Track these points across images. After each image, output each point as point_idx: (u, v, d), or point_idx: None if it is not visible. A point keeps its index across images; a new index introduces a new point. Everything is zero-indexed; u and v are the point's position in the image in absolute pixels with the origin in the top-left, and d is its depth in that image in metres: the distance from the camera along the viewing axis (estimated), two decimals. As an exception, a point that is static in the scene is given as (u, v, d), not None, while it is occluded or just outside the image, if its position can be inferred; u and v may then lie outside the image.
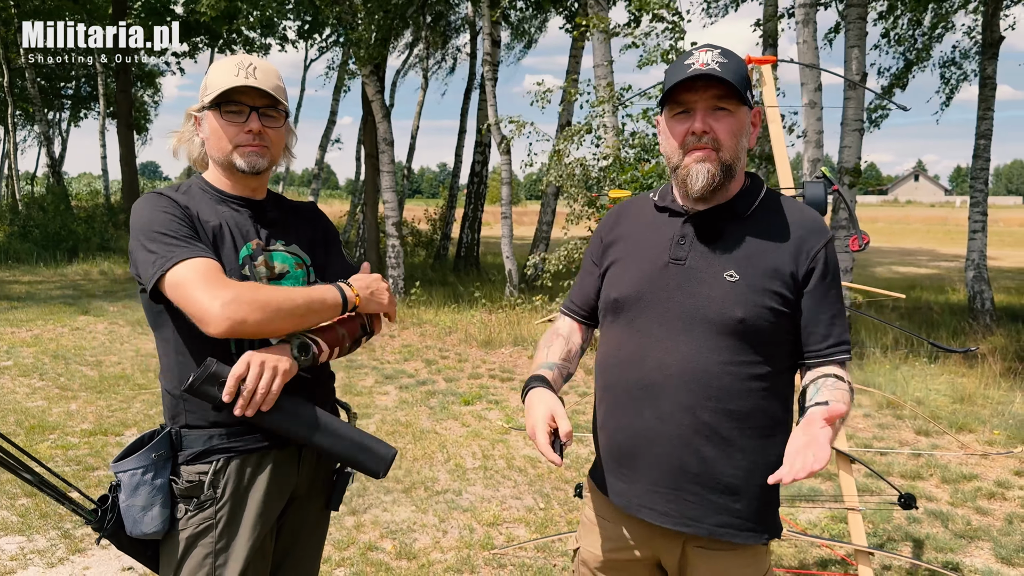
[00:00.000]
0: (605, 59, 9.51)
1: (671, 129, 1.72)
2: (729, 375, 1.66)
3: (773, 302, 1.66)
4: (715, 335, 1.66)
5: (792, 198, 1.92)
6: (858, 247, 3.24)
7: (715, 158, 1.66)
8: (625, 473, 1.77)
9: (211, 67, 1.94)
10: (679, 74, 1.65)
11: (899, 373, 7.46)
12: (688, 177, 1.68)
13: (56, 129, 34.36)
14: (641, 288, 1.75)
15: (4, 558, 3.73)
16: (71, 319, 10.17)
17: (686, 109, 1.69)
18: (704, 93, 1.66)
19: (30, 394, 6.60)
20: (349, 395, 6.96)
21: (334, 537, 4.07)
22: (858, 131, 8.83)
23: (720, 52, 1.67)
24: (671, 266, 1.73)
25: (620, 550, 1.85)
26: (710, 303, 1.67)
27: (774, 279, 1.67)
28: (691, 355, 1.67)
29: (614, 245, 1.87)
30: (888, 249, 28.98)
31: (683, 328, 1.68)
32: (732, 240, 1.71)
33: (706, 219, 1.74)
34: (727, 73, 1.63)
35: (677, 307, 1.70)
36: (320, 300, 1.84)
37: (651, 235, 1.80)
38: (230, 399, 1.70)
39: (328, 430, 1.82)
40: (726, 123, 1.66)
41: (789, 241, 1.70)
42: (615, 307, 1.80)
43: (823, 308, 1.70)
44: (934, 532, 4.27)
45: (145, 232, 1.78)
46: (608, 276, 1.85)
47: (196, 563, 1.82)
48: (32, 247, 16.95)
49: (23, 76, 22.25)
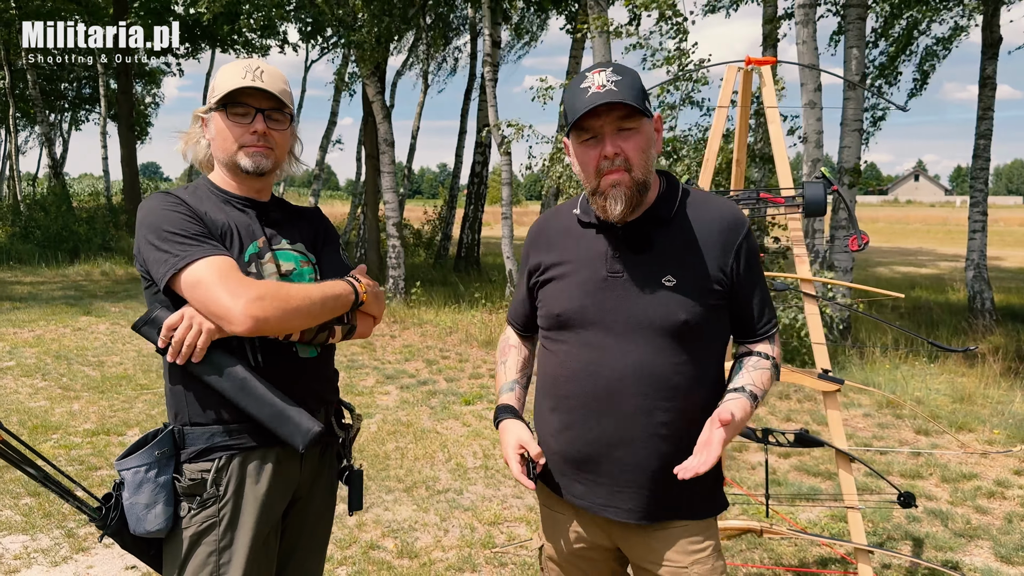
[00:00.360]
0: (605, 59, 9.51)
1: (581, 156, 1.78)
2: (679, 375, 1.76)
3: (711, 299, 1.77)
4: (662, 339, 1.75)
5: (706, 191, 2.03)
6: (857, 247, 3.25)
7: (628, 180, 1.73)
8: (586, 477, 1.85)
9: (219, 70, 1.97)
10: (579, 100, 1.70)
11: (899, 373, 7.47)
12: (607, 204, 1.75)
13: (57, 130, 34.40)
14: (584, 303, 1.81)
15: (8, 557, 3.75)
16: (73, 319, 10.19)
17: (594, 135, 1.74)
18: (608, 117, 1.71)
19: (33, 394, 6.62)
20: (351, 395, 6.98)
21: (336, 536, 4.09)
22: (857, 131, 8.85)
23: (613, 70, 1.72)
24: (610, 279, 1.80)
25: (581, 542, 1.94)
26: (654, 310, 1.75)
27: (708, 278, 1.77)
28: (643, 361, 1.75)
29: (547, 260, 1.93)
30: (888, 249, 28.98)
31: (631, 336, 1.76)
32: (662, 246, 1.80)
33: (634, 230, 1.81)
34: (625, 92, 1.68)
35: (623, 317, 1.77)
36: (335, 296, 1.89)
37: (583, 251, 1.86)
38: (163, 345, 1.76)
39: (253, 394, 1.78)
40: (634, 142, 1.73)
41: (714, 238, 1.80)
42: (559, 323, 1.86)
43: (753, 294, 1.84)
44: (934, 531, 4.29)
45: (155, 231, 1.81)
46: (547, 292, 1.91)
47: (200, 561, 1.83)
48: (34, 248, 16.98)
49: (24, 77, 22.26)
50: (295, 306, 1.78)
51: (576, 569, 1.99)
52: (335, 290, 1.90)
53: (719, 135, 3.40)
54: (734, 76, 3.39)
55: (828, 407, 3.15)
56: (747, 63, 3.35)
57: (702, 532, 1.84)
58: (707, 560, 1.82)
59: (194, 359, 1.76)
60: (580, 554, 1.96)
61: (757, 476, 5.13)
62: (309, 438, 1.76)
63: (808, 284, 3.25)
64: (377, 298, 2.05)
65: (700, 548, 1.83)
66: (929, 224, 46.36)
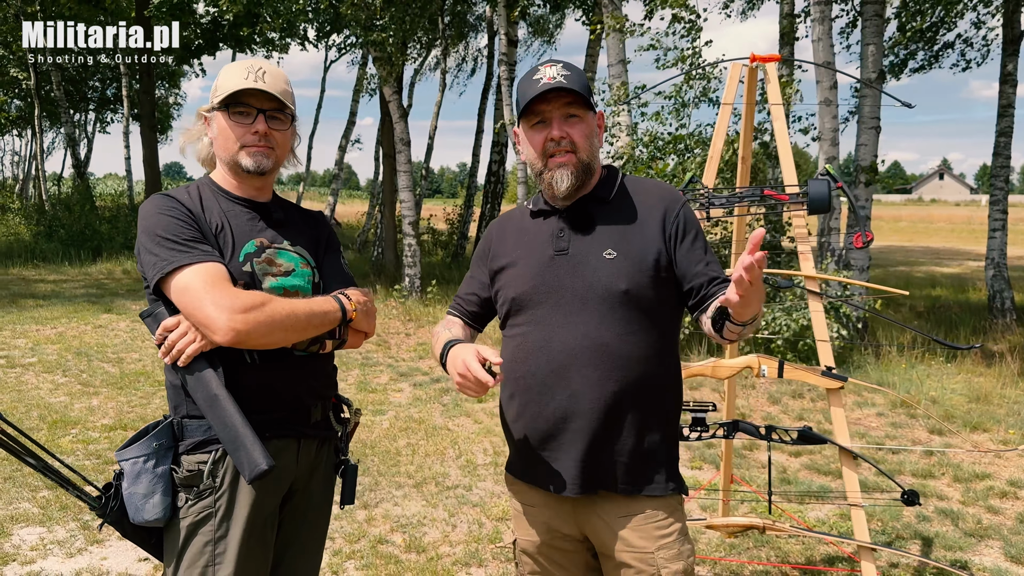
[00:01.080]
0: (619, 58, 9.51)
1: (531, 139, 1.93)
2: (627, 344, 1.85)
3: (651, 268, 1.87)
4: (607, 310, 1.85)
5: (644, 178, 2.13)
6: (862, 244, 3.25)
7: (574, 160, 1.89)
8: (548, 455, 1.91)
9: (222, 70, 2.01)
10: (531, 88, 1.87)
11: (915, 372, 7.40)
12: (554, 180, 1.90)
13: (82, 131, 34.86)
14: (535, 282, 1.93)
15: (25, 548, 3.83)
16: (94, 317, 10.34)
17: (542, 119, 1.90)
18: (556, 103, 1.88)
19: (53, 390, 6.74)
20: (364, 392, 7.04)
21: (345, 530, 4.14)
22: (874, 129, 8.77)
23: (563, 66, 1.89)
24: (556, 257, 1.93)
25: (551, 531, 1.99)
26: (596, 282, 1.86)
27: (648, 249, 1.88)
28: (590, 332, 1.85)
29: (503, 251, 2.06)
30: (911, 248, 28.67)
31: (578, 309, 1.87)
32: (603, 223, 1.93)
33: (576, 210, 1.96)
34: (573, 83, 1.86)
35: (569, 292, 1.88)
36: (322, 313, 1.92)
37: (533, 237, 2.00)
38: (157, 343, 1.84)
39: (218, 414, 1.79)
40: (579, 128, 1.90)
41: (652, 212, 1.93)
42: (514, 305, 1.97)
43: (695, 258, 1.91)
44: (944, 531, 4.26)
45: (149, 234, 1.86)
46: (502, 280, 2.03)
47: (197, 550, 1.87)
48: (57, 246, 17.23)
49: (49, 79, 22.57)
50: (279, 321, 1.81)
51: (549, 561, 2.03)
52: (322, 307, 1.93)
53: (723, 132, 3.40)
54: (739, 73, 3.39)
55: (832, 404, 3.15)
56: (752, 60, 3.35)
57: (667, 515, 1.90)
58: (673, 544, 1.87)
59: (180, 363, 1.82)
60: (552, 545, 2.01)
61: (764, 473, 5.11)
62: (255, 473, 1.75)
63: (812, 281, 3.24)
64: (367, 315, 2.07)
65: (666, 532, 1.87)
66: (953, 223, 45.76)
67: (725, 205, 3.31)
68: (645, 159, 8.78)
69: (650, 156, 8.73)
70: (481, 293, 2.12)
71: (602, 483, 1.88)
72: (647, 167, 8.27)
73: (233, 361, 1.86)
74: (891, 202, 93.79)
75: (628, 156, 8.84)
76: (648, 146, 9.08)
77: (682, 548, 1.88)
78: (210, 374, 1.81)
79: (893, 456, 5.44)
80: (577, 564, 2.03)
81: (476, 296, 2.13)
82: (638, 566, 1.86)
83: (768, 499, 3.17)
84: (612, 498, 1.90)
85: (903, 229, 40.81)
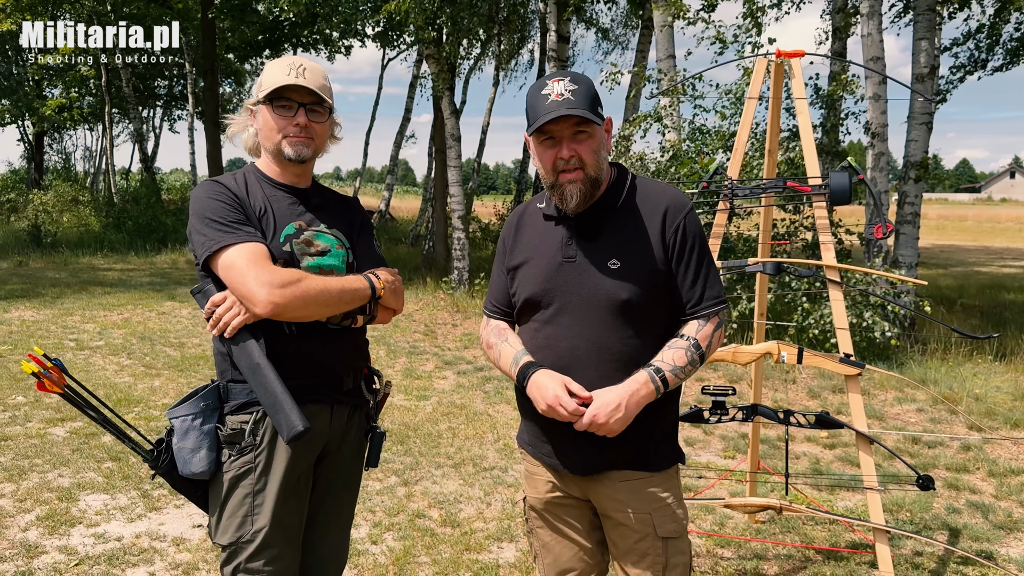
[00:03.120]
0: (668, 53, 9.56)
1: (541, 155, 2.02)
2: (627, 346, 1.99)
3: (651, 278, 1.99)
4: (609, 316, 1.99)
5: (654, 180, 2.21)
6: (882, 235, 3.32)
7: (582, 177, 1.98)
8: (552, 437, 2.08)
9: (266, 66, 2.22)
10: (540, 106, 1.95)
11: (961, 370, 7.33)
12: (563, 197, 2.00)
13: (149, 127, 36.07)
14: (545, 286, 2.06)
15: (90, 512, 4.14)
16: (158, 304, 10.84)
17: (551, 137, 1.98)
18: (565, 123, 1.95)
19: (118, 371, 7.14)
20: (410, 378, 7.28)
21: (386, 504, 4.36)
22: (925, 125, 8.65)
23: (571, 79, 1.96)
24: (565, 264, 2.04)
25: (556, 491, 2.16)
26: (600, 290, 1.99)
27: (650, 259, 2.00)
28: (594, 336, 1.99)
29: (518, 250, 2.18)
30: (972, 248, 27.88)
31: (583, 314, 2.01)
32: (609, 231, 2.04)
33: (586, 219, 2.06)
34: (580, 102, 1.92)
35: (576, 298, 2.02)
36: (352, 290, 2.11)
37: (545, 240, 2.11)
38: (206, 316, 2.05)
39: (260, 380, 1.99)
40: (587, 145, 1.97)
41: (656, 220, 2.02)
42: (527, 305, 2.11)
43: (688, 272, 2.03)
44: (973, 523, 4.28)
45: (199, 216, 2.08)
46: (518, 277, 2.15)
47: (238, 501, 2.09)
48: (125, 237, 18.00)
49: (119, 76, 23.46)
50: (313, 296, 2.01)
51: (555, 517, 2.21)
52: (353, 285, 2.12)
53: (748, 125, 3.50)
54: (763, 68, 3.48)
55: (849, 390, 3.23)
56: (777, 55, 3.44)
57: (662, 484, 2.07)
58: (667, 508, 2.05)
59: (226, 335, 2.02)
60: (558, 502, 2.19)
61: (797, 464, 5.18)
62: (293, 434, 1.94)
63: (833, 271, 3.33)
64: (395, 293, 2.26)
65: (662, 497, 2.05)
66: (1022, 223, 44.18)
67: (749, 196, 3.41)
68: (692, 153, 8.81)
69: (696, 151, 8.76)
70: (506, 291, 2.23)
71: (601, 467, 2.04)
72: (692, 162, 8.32)
73: (273, 333, 2.06)
74: (958, 201, 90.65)
75: (675, 151, 8.89)
76: (696, 140, 9.11)
77: (676, 512, 2.05)
78: (253, 344, 2.02)
79: (928, 450, 5.44)
80: (581, 520, 2.19)
81: (502, 296, 2.24)
82: (636, 526, 2.03)
83: (785, 480, 3.26)
84: (612, 473, 2.06)
85: (968, 228, 39.62)
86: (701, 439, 5.76)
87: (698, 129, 9.27)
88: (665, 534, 2.02)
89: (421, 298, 11.62)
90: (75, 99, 26.10)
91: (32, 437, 5.24)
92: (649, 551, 2.02)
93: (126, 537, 3.88)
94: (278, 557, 2.09)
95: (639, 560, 2.04)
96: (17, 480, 4.52)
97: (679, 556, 2.05)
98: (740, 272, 3.57)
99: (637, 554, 2.04)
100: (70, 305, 10.37)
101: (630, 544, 2.05)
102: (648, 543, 2.02)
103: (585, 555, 2.20)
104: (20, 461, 4.79)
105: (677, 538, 2.05)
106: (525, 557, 3.76)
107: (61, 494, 4.34)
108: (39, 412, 5.77)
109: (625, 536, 2.05)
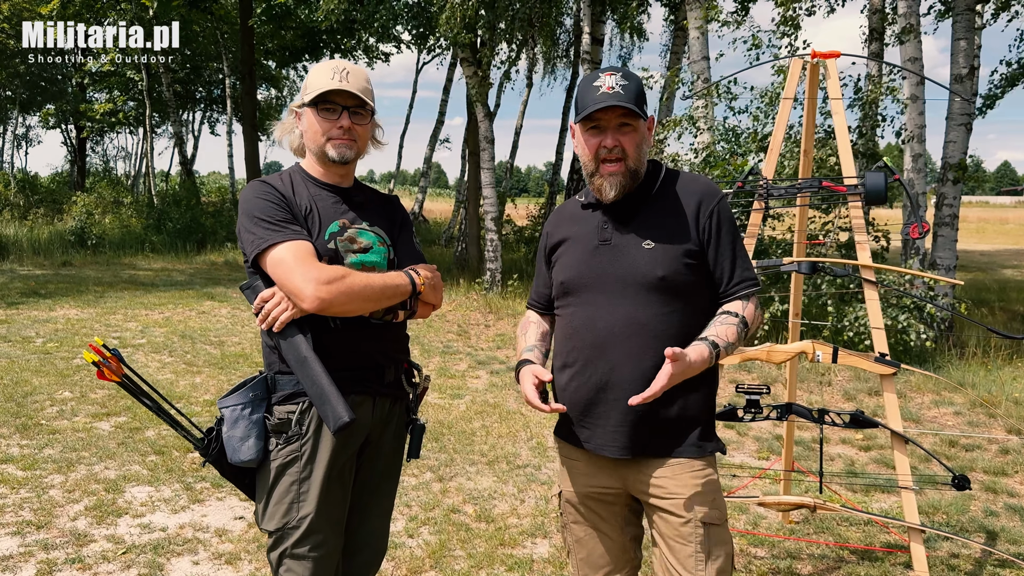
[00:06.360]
0: (702, 54, 9.55)
1: (586, 141, 2.11)
2: (662, 323, 2.06)
3: (684, 258, 2.07)
4: (645, 293, 2.06)
5: (688, 172, 2.31)
6: (918, 234, 3.31)
7: (623, 168, 2.08)
8: (590, 421, 2.13)
9: (311, 70, 2.30)
10: (591, 96, 2.05)
11: (1000, 373, 7.23)
12: (603, 187, 2.10)
13: (188, 130, 36.71)
14: (581, 269, 2.15)
15: (136, 504, 4.27)
16: (198, 303, 11.06)
17: (597, 126, 2.08)
18: (612, 113, 2.05)
19: (160, 368, 7.32)
20: (443, 377, 7.36)
21: (422, 499, 4.43)
22: (964, 126, 8.54)
23: (622, 75, 2.06)
24: (601, 247, 2.14)
25: (593, 485, 2.21)
26: (636, 269, 2.07)
27: (682, 239, 2.08)
28: (630, 313, 2.07)
29: (557, 241, 2.26)
30: (1015, 251, 27.31)
31: (619, 293, 2.08)
32: (645, 217, 2.13)
33: (622, 205, 2.15)
34: (629, 96, 2.03)
35: (611, 278, 2.10)
36: (394, 286, 2.19)
37: (583, 227, 2.21)
38: (255, 311, 2.13)
39: (307, 372, 2.07)
40: (631, 137, 2.07)
41: (691, 206, 2.12)
42: (564, 289, 2.20)
43: (723, 255, 2.12)
44: (1011, 526, 4.24)
45: (248, 216, 2.17)
46: (556, 266, 2.25)
47: (284, 489, 2.17)
48: (165, 238, 18.34)
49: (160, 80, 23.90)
50: (357, 291, 2.09)
51: (589, 512, 2.24)
52: (395, 281, 2.20)
53: (783, 126, 3.52)
54: (799, 69, 3.50)
55: (885, 389, 3.23)
56: (812, 56, 3.46)
57: (702, 470, 2.09)
58: (708, 495, 2.07)
59: (275, 329, 2.11)
60: (594, 496, 2.22)
61: (832, 466, 5.16)
62: (339, 424, 2.03)
63: (868, 271, 3.33)
64: (435, 289, 2.34)
65: (702, 483, 2.08)
66: (1067, 226, 43.13)
67: (784, 196, 3.43)
68: (725, 155, 8.79)
69: (730, 151, 8.74)
70: (549, 285, 2.34)
71: (640, 448, 2.08)
72: (725, 163, 8.30)
73: (319, 327, 2.14)
74: (1000, 204, 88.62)
75: (709, 151, 8.87)
76: (730, 141, 9.08)
77: (716, 499, 2.08)
78: (300, 339, 2.10)
79: (966, 453, 5.38)
80: (616, 516, 2.23)
81: (547, 290, 2.35)
82: (678, 511, 2.05)
83: (820, 479, 3.27)
84: (652, 460, 2.10)
85: (1010, 232, 38.79)
86: (735, 440, 5.75)
87: (731, 131, 9.25)
88: (707, 520, 2.04)
89: (454, 299, 11.72)
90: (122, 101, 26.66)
91: (79, 431, 5.40)
92: (692, 537, 2.04)
93: (170, 528, 3.99)
94: (323, 543, 2.17)
95: (682, 545, 2.05)
96: (66, 472, 4.67)
97: (721, 546, 2.06)
98: (775, 272, 3.59)
99: (680, 539, 2.05)
100: (112, 304, 10.62)
101: (672, 529, 2.06)
102: (690, 528, 2.04)
103: (618, 551, 2.24)
104: (68, 454, 4.95)
105: (719, 525, 2.07)
106: (559, 552, 3.81)
107: (108, 485, 4.48)
108: (85, 407, 5.95)
109: (667, 520, 2.08)
